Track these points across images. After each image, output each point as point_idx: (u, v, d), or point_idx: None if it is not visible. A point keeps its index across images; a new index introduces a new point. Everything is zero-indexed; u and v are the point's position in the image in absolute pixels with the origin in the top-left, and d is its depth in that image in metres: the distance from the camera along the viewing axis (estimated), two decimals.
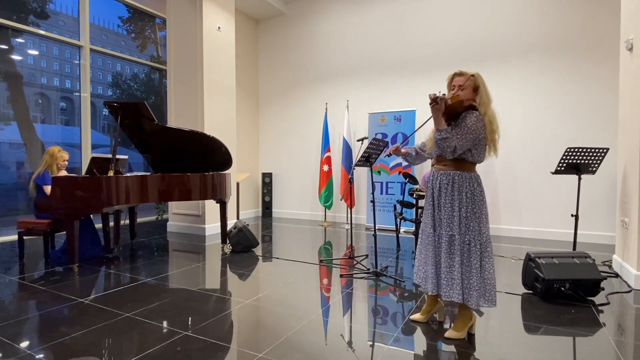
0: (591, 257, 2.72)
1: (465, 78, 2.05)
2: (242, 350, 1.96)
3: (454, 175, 2.04)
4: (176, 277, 3.27)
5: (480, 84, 2.03)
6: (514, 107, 4.98)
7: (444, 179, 2.07)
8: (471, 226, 1.99)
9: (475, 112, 2.00)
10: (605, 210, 4.48)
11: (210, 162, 4.40)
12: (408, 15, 5.70)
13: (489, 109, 2.00)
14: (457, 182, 2.03)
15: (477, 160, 2.06)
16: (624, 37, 3.24)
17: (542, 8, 4.81)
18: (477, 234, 1.99)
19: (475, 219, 2.00)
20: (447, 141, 1.97)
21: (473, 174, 2.05)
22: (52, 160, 3.79)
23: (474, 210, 2.00)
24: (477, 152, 2.02)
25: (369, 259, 3.83)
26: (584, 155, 3.26)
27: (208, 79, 5.16)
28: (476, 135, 1.97)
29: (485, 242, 2.00)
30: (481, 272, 1.98)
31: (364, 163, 3.43)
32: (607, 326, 2.26)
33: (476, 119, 1.98)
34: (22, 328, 2.22)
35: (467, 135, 1.96)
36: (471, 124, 1.96)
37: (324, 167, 6.09)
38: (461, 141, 1.96)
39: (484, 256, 1.99)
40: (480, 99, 2.02)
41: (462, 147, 1.98)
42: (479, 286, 1.98)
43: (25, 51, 5.14)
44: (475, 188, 2.02)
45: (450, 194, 2.03)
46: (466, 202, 2.00)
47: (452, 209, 2.03)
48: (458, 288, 1.98)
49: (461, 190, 2.01)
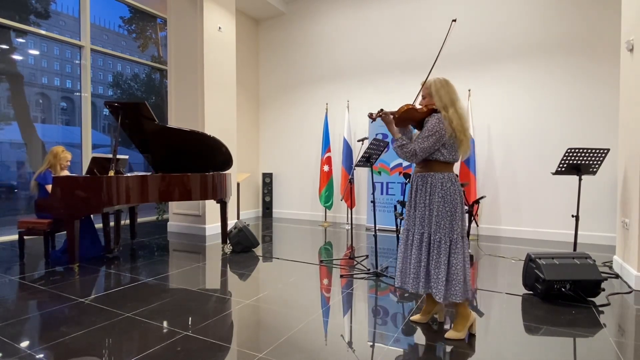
0: (592, 257, 2.72)
1: (424, 88, 2.21)
2: (242, 351, 1.96)
3: (427, 176, 2.13)
4: (176, 277, 3.27)
5: (434, 90, 2.13)
6: (514, 107, 4.98)
7: (420, 181, 2.16)
8: (442, 224, 2.06)
9: (436, 115, 2.09)
10: (606, 211, 4.48)
11: (210, 162, 4.40)
12: (409, 14, 5.70)
13: (449, 110, 2.07)
14: (429, 183, 2.11)
15: (450, 160, 2.11)
16: (625, 38, 3.24)
17: (542, 9, 4.81)
18: (447, 232, 2.05)
19: (447, 217, 2.06)
20: (403, 148, 2.09)
21: (447, 174, 2.11)
22: (55, 161, 3.79)
23: (445, 208, 2.06)
24: (447, 152, 2.09)
25: (369, 259, 3.83)
26: (585, 155, 3.26)
27: (208, 79, 5.16)
28: (439, 136, 2.03)
29: (456, 239, 2.05)
30: (448, 267, 2.05)
31: (365, 163, 3.43)
32: (607, 327, 2.26)
33: (437, 120, 2.06)
34: (22, 328, 2.22)
35: (428, 137, 2.04)
36: (431, 126, 2.05)
37: (325, 167, 6.09)
38: (422, 144, 2.05)
39: (451, 252, 2.05)
40: (437, 102, 2.11)
41: (424, 150, 2.05)
42: (446, 281, 2.04)
43: (26, 51, 5.15)
44: (449, 187, 2.08)
45: (424, 194, 2.12)
46: (438, 202, 2.07)
47: (424, 208, 2.12)
48: (432, 283, 2.07)
49: (434, 191, 2.09)
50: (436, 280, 2.05)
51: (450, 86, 2.13)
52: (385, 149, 3.58)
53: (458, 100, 2.11)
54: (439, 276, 2.04)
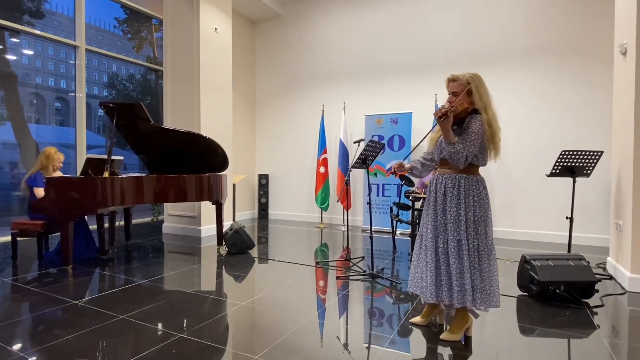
0: (586, 259, 2.74)
1: (458, 84, 2.04)
2: (237, 353, 1.95)
3: (459, 178, 2.02)
4: (171, 278, 3.25)
5: (474, 88, 2.01)
6: (509, 110, 5.01)
7: (449, 183, 2.03)
8: (479, 230, 1.98)
9: (478, 117, 2.00)
10: (600, 213, 4.52)
11: (206, 163, 4.38)
12: (405, 17, 5.73)
13: (488, 111, 1.99)
14: (462, 186, 2.00)
15: (482, 164, 2.05)
16: (618, 41, 3.27)
17: (537, 13, 4.85)
18: (484, 238, 1.98)
19: (482, 223, 1.99)
20: (459, 153, 1.96)
21: (479, 177, 2.04)
22: (47, 162, 3.76)
23: (481, 213, 1.99)
24: (482, 156, 2.03)
25: (365, 260, 3.83)
26: (579, 158, 3.29)
27: (204, 80, 5.14)
28: (482, 139, 1.97)
29: (491, 245, 2.01)
30: (489, 275, 1.98)
31: (361, 165, 3.43)
32: (601, 328, 2.27)
33: (480, 123, 1.97)
34: (15, 330, 2.20)
35: (475, 141, 1.96)
36: (476, 129, 1.96)
37: (321, 168, 6.09)
38: (470, 148, 1.96)
39: (490, 259, 1.99)
40: (477, 102, 2.01)
41: (472, 154, 1.98)
42: (486, 289, 1.97)
43: (20, 51, 5.11)
44: (482, 191, 2.01)
45: (457, 198, 2.00)
46: (473, 206, 1.98)
47: (458, 213, 1.99)
48: (470, 293, 1.96)
49: (468, 194, 1.99)
50: (471, 287, 1.95)
51: (485, 83, 2.04)
52: (381, 151, 3.58)
53: (492, 99, 2.04)
54: (475, 283, 1.95)
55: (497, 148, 2.03)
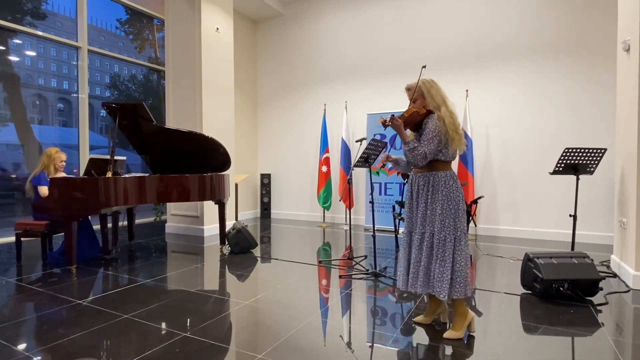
0: (589, 257, 2.73)
1: (412, 92, 2.19)
2: (241, 352, 1.95)
3: (429, 176, 2.14)
4: (175, 278, 3.26)
5: (425, 90, 2.14)
6: (512, 107, 5.00)
7: (421, 181, 2.17)
8: (446, 222, 2.07)
9: (433, 116, 2.12)
10: (604, 211, 4.50)
11: (208, 163, 4.39)
12: (407, 15, 5.71)
13: (441, 109, 2.10)
14: (431, 182, 2.13)
15: (449, 158, 2.15)
16: (621, 38, 3.26)
17: (540, 10, 4.83)
18: (452, 230, 2.07)
19: (450, 215, 2.07)
20: (415, 150, 2.08)
21: (448, 172, 2.14)
22: (49, 162, 3.77)
23: (449, 206, 2.08)
24: (445, 151, 2.12)
25: (367, 259, 3.83)
26: (582, 155, 3.27)
27: (206, 80, 5.15)
28: (441, 136, 2.07)
29: (459, 236, 2.08)
30: (453, 265, 2.06)
31: (363, 164, 3.43)
32: (605, 326, 2.26)
33: (435, 121, 2.09)
34: (19, 330, 2.21)
35: (432, 139, 2.07)
36: (432, 127, 2.07)
37: (323, 167, 6.09)
38: (429, 146, 2.06)
39: (456, 250, 2.07)
40: (430, 103, 2.13)
41: (432, 151, 2.08)
42: (451, 279, 2.05)
43: (22, 52, 5.13)
44: (452, 185, 2.11)
45: (425, 195, 2.14)
46: (441, 200, 2.08)
47: (425, 208, 2.13)
48: (437, 283, 2.06)
49: (437, 190, 2.10)
50: (440, 279, 2.05)
51: (438, 85, 2.18)
52: (384, 150, 3.58)
53: (447, 98, 2.16)
54: (444, 274, 2.04)
55: (454, 142, 2.10)
